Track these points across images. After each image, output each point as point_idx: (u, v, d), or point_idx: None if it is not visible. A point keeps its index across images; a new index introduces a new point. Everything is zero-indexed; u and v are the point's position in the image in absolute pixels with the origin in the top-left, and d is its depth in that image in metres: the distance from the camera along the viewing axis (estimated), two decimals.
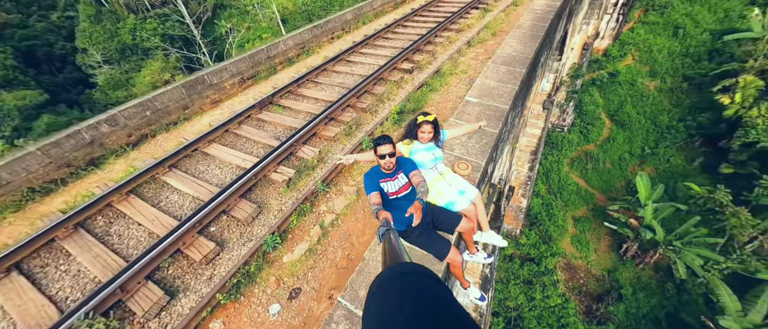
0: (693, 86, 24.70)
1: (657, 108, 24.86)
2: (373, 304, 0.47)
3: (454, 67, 7.67)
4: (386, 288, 0.48)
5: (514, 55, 5.35)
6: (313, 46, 9.86)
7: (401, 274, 0.51)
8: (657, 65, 26.29)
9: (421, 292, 0.45)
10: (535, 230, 21.71)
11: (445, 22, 9.32)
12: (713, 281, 16.20)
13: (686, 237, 17.12)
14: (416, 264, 0.55)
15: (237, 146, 5.42)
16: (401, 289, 0.47)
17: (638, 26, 28.15)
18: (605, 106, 26.11)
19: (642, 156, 24.11)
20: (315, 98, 6.63)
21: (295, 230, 4.08)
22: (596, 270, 20.67)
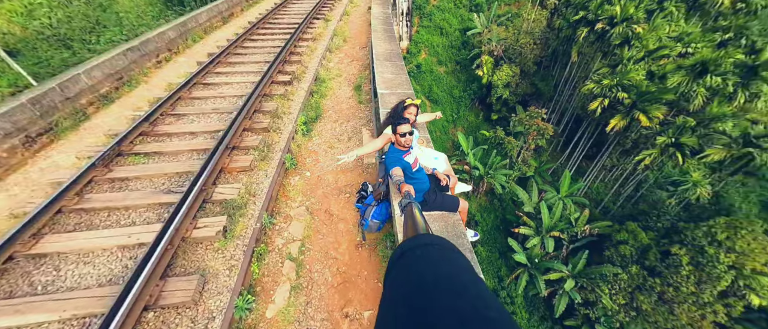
0: (462, 67, 36.03)
1: (450, 85, 34.68)
2: (394, 273, 0.47)
3: (328, 72, 8.02)
4: (407, 258, 0.48)
5: (389, 51, 6.33)
6: (136, 74, 7.54)
7: (422, 245, 0.50)
8: (439, 56, 36.43)
9: (441, 263, 0.46)
10: None
11: (296, 32, 9.40)
12: (512, 186, 24.82)
13: (493, 166, 25.26)
14: (436, 236, 0.56)
15: (99, 225, 3.65)
16: (421, 258, 0.47)
17: (421, 29, 37.82)
18: (422, 90, 33.78)
19: (454, 121, 33.15)
20: (189, 132, 5.28)
21: (263, 279, 3.39)
22: None
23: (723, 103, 19.81)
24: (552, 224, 21.09)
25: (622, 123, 21.41)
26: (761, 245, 16.21)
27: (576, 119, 29.30)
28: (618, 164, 26.49)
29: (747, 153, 18.09)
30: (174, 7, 30.27)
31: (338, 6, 13.84)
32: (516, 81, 30.56)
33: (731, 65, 19.84)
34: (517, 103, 31.03)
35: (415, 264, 0.47)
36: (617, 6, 22.74)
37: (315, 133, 5.84)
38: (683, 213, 22.32)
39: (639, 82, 20.49)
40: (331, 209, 4.30)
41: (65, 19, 28.45)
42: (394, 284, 0.45)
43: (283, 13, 12.29)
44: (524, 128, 25.85)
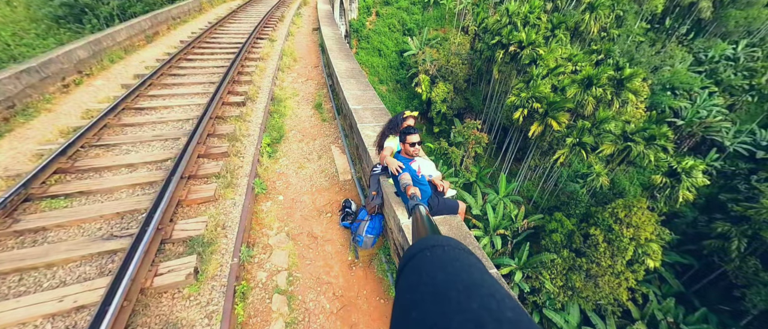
0: (402, 85, 38.25)
1: (393, 103, 36.33)
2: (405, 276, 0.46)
3: (283, 92, 7.71)
4: (418, 260, 0.47)
5: (349, 70, 6.41)
6: (34, 100, 6.13)
7: (433, 246, 0.49)
8: (380, 75, 38.15)
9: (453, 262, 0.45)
10: None
11: (242, 51, 8.86)
12: (460, 192, 26.66)
13: None
14: (445, 237, 0.55)
15: (9, 294, 2.75)
16: (432, 260, 0.46)
17: (360, 50, 39.24)
18: None
19: None
20: (126, 164, 4.44)
21: (250, 320, 2.96)
22: None
23: (605, 108, 24.97)
24: (497, 223, 23.18)
25: (539, 129, 25.19)
26: (647, 218, 20.42)
27: (503, 128, 33.43)
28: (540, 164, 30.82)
29: (626, 147, 22.94)
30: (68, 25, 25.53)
31: (281, 27, 13.56)
32: (451, 97, 33.65)
33: (607, 79, 25.30)
34: (454, 116, 34.06)
35: (426, 265, 0.45)
36: (523, 33, 27.26)
37: (281, 154, 5.49)
38: (592, 200, 26.90)
39: (547, 94, 24.57)
40: (314, 232, 4.04)
41: None
42: (406, 288, 0.43)
43: (221, 32, 11.50)
44: (463, 138, 28.39)
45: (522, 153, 32.09)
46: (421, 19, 43.99)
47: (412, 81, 35.44)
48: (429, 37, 40.56)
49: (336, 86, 6.14)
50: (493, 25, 29.92)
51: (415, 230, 0.78)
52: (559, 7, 36.81)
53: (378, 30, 41.89)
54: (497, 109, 33.92)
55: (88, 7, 23.56)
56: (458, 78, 34.08)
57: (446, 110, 33.20)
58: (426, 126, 36.26)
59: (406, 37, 39.79)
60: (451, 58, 34.34)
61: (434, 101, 32.93)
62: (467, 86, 36.43)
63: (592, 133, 24.26)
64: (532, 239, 23.88)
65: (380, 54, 39.71)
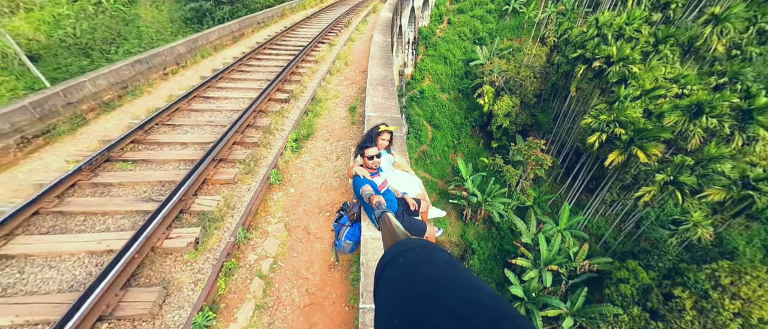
0: (464, 95, 36.91)
1: (452, 112, 35.36)
2: (382, 285, 0.46)
3: (325, 93, 8.26)
4: (392, 267, 0.47)
5: (382, 77, 6.56)
6: (141, 84, 7.83)
7: (404, 251, 0.50)
8: (443, 83, 37.49)
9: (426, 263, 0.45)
10: None
11: (300, 54, 9.81)
12: (510, 216, 24.51)
13: (491, 193, 25.11)
14: (416, 239, 0.56)
15: (72, 229, 3.64)
16: (406, 264, 0.46)
17: (426, 57, 39.24)
18: (424, 115, 34.43)
19: (454, 146, 33.44)
20: (180, 142, 5.39)
21: (228, 295, 3.30)
22: (455, 239, 26.57)
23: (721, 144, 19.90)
24: (550, 258, 20.54)
25: (620, 158, 21.46)
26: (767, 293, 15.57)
27: (575, 152, 29.45)
28: (618, 199, 26.22)
29: (747, 195, 17.88)
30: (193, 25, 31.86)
31: (344, 32, 14.51)
32: (516, 111, 31.13)
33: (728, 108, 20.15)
34: (516, 132, 31.41)
35: (402, 271, 0.46)
36: (613, 47, 23.60)
37: (305, 150, 5.92)
38: (685, 254, 21.71)
39: (636, 119, 20.79)
40: (309, 228, 4.27)
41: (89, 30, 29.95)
42: (385, 296, 0.44)
43: (291, 36, 12.90)
44: (523, 158, 25.96)
45: (595, 183, 27.76)
46: (495, 29, 41.78)
47: (474, 91, 33.92)
48: (501, 47, 38.24)
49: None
50: (577, 37, 26.64)
51: (385, 237, 0.79)
52: (671, 18, 30.80)
53: (447, 38, 41.27)
54: (570, 130, 30.06)
55: (208, 11, 29.04)
56: (527, 92, 31.32)
57: (508, 125, 30.81)
58: (483, 140, 34.26)
59: (476, 46, 38.26)
60: (522, 71, 31.79)
61: (496, 115, 30.90)
62: (537, 101, 33.21)
63: (694, 172, 19.63)
64: (593, 285, 20.46)
65: (446, 62, 39.04)
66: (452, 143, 33.37)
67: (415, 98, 34.71)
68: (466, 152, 33.01)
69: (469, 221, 27.11)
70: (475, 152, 32.92)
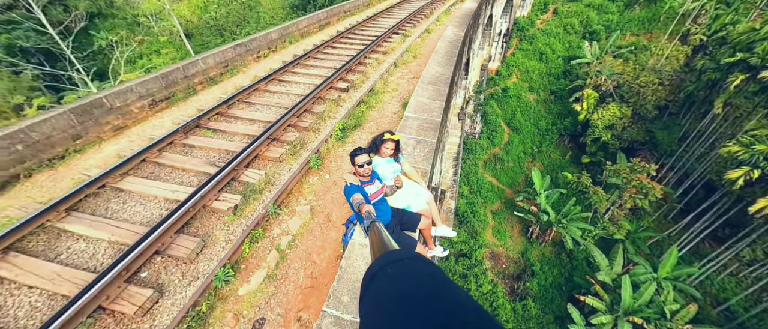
0: (557, 98, 32.08)
1: (537, 116, 31.31)
2: (369, 296, 0.46)
3: (385, 86, 8.35)
4: (379, 278, 0.47)
5: (437, 76, 6.25)
6: (238, 65, 9.33)
7: (392, 262, 0.50)
8: (533, 82, 33.28)
9: (414, 275, 0.45)
10: (464, 228, 24.27)
11: (371, 44, 10.08)
12: (589, 246, 20.87)
13: (568, 215, 21.71)
14: (405, 250, 0.56)
15: (161, 177, 4.75)
16: (394, 276, 0.47)
17: (517, 52, 35.29)
18: (503, 115, 31.49)
19: (532, 154, 29.80)
20: (250, 118, 6.31)
21: (249, 259, 3.83)
22: (513, 254, 24.22)
23: None
24: (635, 307, 16.86)
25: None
26: None
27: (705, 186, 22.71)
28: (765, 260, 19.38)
29: None
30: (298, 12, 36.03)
31: (423, 23, 14.19)
32: (624, 124, 25.58)
33: None
34: (619, 149, 25.91)
35: (388, 283, 0.46)
36: None
37: (349, 140, 6.19)
38: None
39: None
40: (331, 215, 4.53)
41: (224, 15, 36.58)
42: (372, 308, 0.44)
43: (370, 25, 13.30)
44: (621, 182, 21.39)
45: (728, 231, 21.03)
46: (617, 21, 34.39)
47: (571, 95, 29.02)
48: (619, 43, 31.38)
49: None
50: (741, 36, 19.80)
51: (374, 248, 0.80)
52: None
53: (548, 30, 36.03)
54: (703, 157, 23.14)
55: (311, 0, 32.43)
56: (646, 102, 25.18)
57: (610, 140, 25.56)
58: (571, 152, 29.38)
59: (584, 41, 32.30)
60: (643, 75, 25.58)
61: (594, 125, 25.96)
62: (658, 115, 26.46)
63: None
64: None
65: (541, 58, 34.32)
66: (531, 151, 29.74)
67: (495, 96, 31.92)
68: (546, 163, 29.01)
69: (535, 240, 24.18)
70: (558, 164, 28.62)
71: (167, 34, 33.03)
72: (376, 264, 0.52)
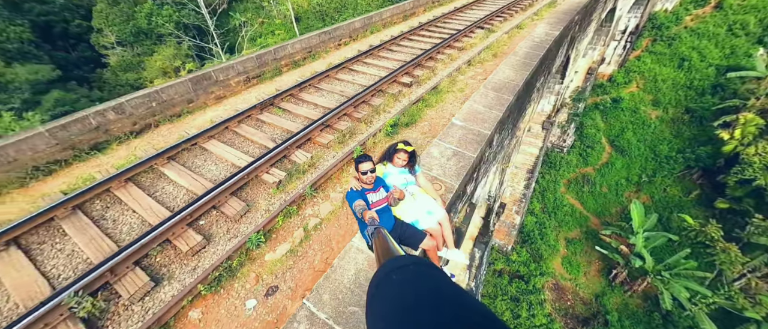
0: (694, 119, 24.86)
1: (657, 137, 25.01)
2: (375, 304, 0.45)
3: (451, 85, 7.92)
4: (384, 285, 0.47)
5: (505, 81, 5.59)
6: (320, 51, 10.16)
7: (397, 268, 0.50)
8: (661, 95, 26.49)
9: (419, 282, 0.45)
10: (527, 248, 21.82)
11: (448, 39, 9.60)
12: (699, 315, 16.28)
13: (675, 269, 17.19)
14: (410, 256, 0.55)
15: (234, 144, 5.68)
16: (400, 282, 0.46)
17: (645, 55, 28.40)
18: (606, 130, 26.27)
19: (639, 184, 24.21)
20: (315, 103, 6.89)
21: (280, 231, 4.30)
22: (585, 293, 20.70)
23: None
24: None
25: None
26: None
27: None
28: None
29: None
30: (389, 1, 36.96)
31: (516, 18, 12.70)
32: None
33: None
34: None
35: (394, 289, 0.46)
36: None
37: (398, 137, 6.17)
38: None
39: None
40: None
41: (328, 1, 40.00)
42: (378, 316, 0.44)
43: (455, 18, 12.62)
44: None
45: None
46: None
47: (718, 117, 22.00)
48: None
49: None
50: None
51: (379, 254, 0.81)
52: None
53: (702, 30, 27.63)
54: None
55: None
56: None
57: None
58: (700, 191, 22.58)
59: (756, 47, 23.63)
60: None
61: (747, 162, 19.27)
62: None
63: None
64: None
65: (682, 65, 26.75)
66: (637, 179, 24.12)
67: (601, 107, 26.68)
68: (657, 198, 23.15)
69: (618, 286, 20.04)
70: (675, 203, 22.51)
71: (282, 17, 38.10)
72: (381, 270, 0.52)
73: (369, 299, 0.48)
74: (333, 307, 2.36)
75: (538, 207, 23.64)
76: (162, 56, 29.48)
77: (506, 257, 21.33)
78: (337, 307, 2.36)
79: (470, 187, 4.49)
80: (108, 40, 31.92)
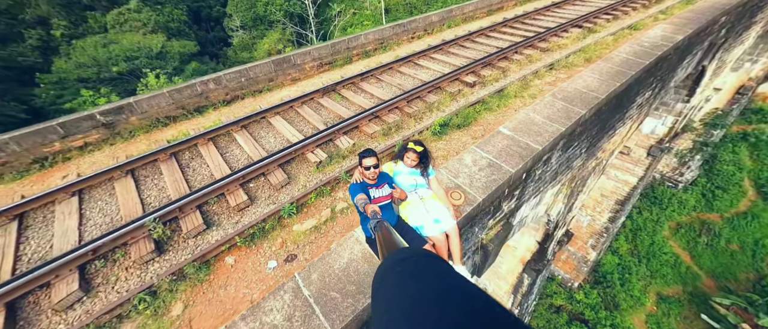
0: None
1: None
2: (379, 296, 0.45)
3: (522, 89, 7.09)
4: (389, 278, 0.47)
5: (582, 91, 4.71)
6: (392, 43, 10.30)
7: (401, 260, 0.49)
8: None
9: (424, 273, 0.44)
10: (599, 291, 18.52)
11: (532, 38, 8.54)
12: None
13: None
14: (413, 248, 0.56)
15: (293, 122, 6.32)
16: (403, 274, 0.46)
17: None
18: (754, 171, 19.80)
19: None
20: (371, 93, 7.09)
21: (311, 207, 4.67)
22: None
23: None
24: None
25: None
26: None
27: None
28: None
29: None
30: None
31: (631, 16, 10.42)
32: None
33: None
34: None
35: (398, 282, 0.46)
36: None
37: (446, 138, 5.89)
38: None
39: None
40: None
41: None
42: (382, 308, 0.44)
43: (550, 14, 11.11)
44: None
45: None
46: None
47: None
48: None
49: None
50: None
51: (383, 247, 0.81)
52: None
53: None
54: None
55: None
56: None
57: None
58: None
59: None
60: None
61: None
62: None
63: None
64: None
65: None
66: None
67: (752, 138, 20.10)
68: None
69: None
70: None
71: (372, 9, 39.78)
72: (386, 262, 0.52)
73: (374, 290, 0.48)
74: (317, 288, 2.49)
75: (624, 247, 19.64)
76: (269, 40, 34.30)
77: (569, 293, 18.51)
78: (321, 288, 2.47)
79: (508, 204, 4.03)
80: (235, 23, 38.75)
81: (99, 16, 31.43)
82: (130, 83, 24.87)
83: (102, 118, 6.08)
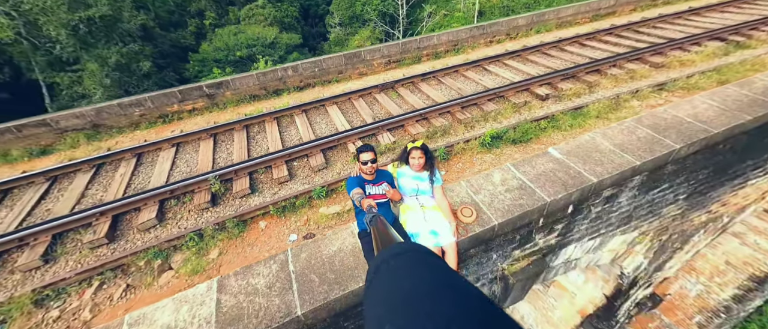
0: None
1: None
2: (373, 290, 0.46)
3: (610, 110, 5.87)
4: (382, 272, 0.47)
5: (686, 121, 3.61)
6: (466, 46, 9.82)
7: (396, 254, 0.50)
8: None
9: (418, 268, 0.45)
10: None
11: (643, 50, 6.95)
12: None
13: None
14: (409, 243, 0.56)
15: (347, 113, 6.67)
16: (398, 268, 0.46)
17: None
18: None
19: None
20: (427, 94, 6.92)
21: (339, 193, 4.88)
22: None
23: None
24: None
25: None
26: None
27: None
28: None
29: None
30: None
31: None
32: None
33: None
34: None
35: (392, 275, 0.46)
36: None
37: (496, 151, 5.35)
38: None
39: None
40: None
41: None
42: (376, 301, 0.44)
43: (677, 22, 8.84)
44: None
45: None
46: None
47: None
48: None
49: None
50: None
51: (378, 242, 0.81)
52: None
53: None
54: None
55: None
56: None
57: None
58: None
59: None
60: None
61: None
62: None
63: None
64: None
65: None
66: None
67: None
68: None
69: None
70: None
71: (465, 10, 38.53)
72: (380, 257, 0.52)
73: (367, 284, 0.48)
74: (302, 267, 2.61)
75: None
76: (359, 37, 36.71)
77: None
78: (304, 268, 2.59)
79: (544, 238, 3.44)
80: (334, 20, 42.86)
81: (236, 10, 38.86)
82: (247, 66, 30.15)
83: (207, 90, 7.55)
